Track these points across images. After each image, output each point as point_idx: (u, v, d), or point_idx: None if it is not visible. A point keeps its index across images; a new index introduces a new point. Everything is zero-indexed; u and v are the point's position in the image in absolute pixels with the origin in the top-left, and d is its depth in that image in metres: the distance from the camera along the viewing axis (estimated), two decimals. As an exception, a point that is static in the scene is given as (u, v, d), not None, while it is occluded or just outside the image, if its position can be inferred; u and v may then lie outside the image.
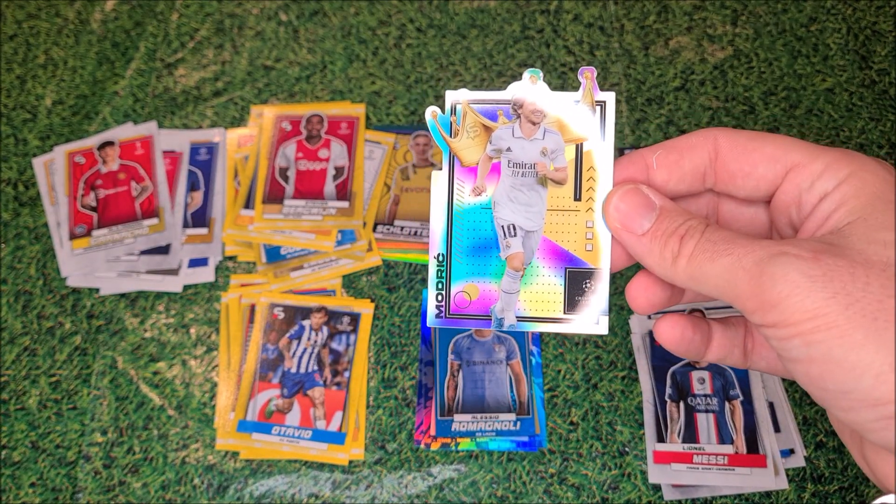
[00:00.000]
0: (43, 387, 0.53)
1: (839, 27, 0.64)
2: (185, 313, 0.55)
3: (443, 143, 0.31)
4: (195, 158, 0.60)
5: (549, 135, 0.30)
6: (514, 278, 0.31)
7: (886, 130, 0.60)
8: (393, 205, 0.58)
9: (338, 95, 0.63)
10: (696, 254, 0.25)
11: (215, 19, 0.67)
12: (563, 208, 0.30)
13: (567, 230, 0.31)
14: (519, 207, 0.31)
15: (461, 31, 0.65)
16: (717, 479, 0.47)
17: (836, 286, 0.22)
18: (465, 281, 0.31)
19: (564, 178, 0.30)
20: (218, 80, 0.64)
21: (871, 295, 0.21)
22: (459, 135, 0.31)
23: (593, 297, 0.31)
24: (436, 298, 0.31)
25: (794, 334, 0.22)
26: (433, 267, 0.31)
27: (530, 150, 0.30)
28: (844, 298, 0.21)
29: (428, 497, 0.49)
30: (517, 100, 0.30)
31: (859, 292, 0.21)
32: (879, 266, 0.22)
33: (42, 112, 0.64)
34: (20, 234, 0.58)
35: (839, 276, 0.22)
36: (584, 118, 0.30)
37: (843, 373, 0.22)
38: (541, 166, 0.30)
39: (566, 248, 0.31)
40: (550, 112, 0.30)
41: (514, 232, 0.31)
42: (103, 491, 0.50)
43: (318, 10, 0.67)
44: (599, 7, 0.66)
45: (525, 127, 0.31)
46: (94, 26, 0.67)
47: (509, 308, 0.31)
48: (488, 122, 0.31)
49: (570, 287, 0.31)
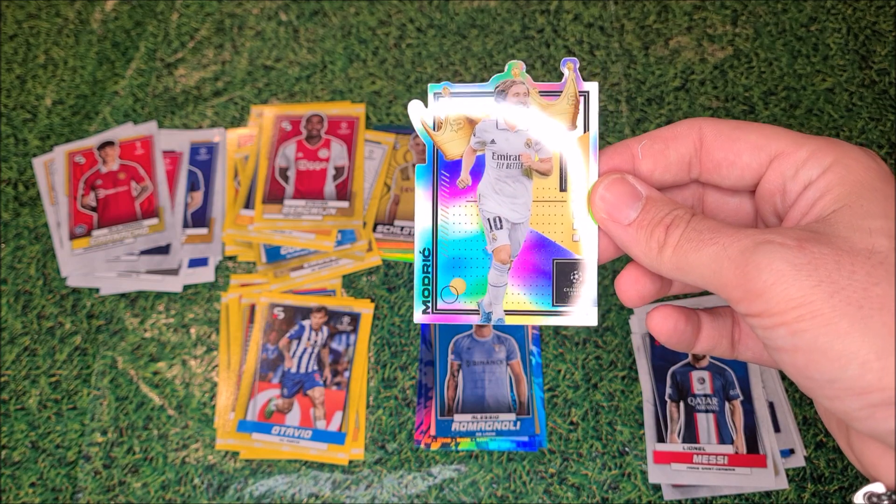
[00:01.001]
0: (43, 387, 0.53)
1: (839, 27, 0.64)
2: (185, 313, 0.55)
3: (426, 137, 0.30)
4: (195, 158, 0.60)
5: (534, 118, 0.30)
6: (501, 271, 0.31)
7: (886, 130, 0.60)
8: (393, 205, 0.58)
9: (338, 95, 0.63)
10: (682, 243, 0.25)
11: (215, 19, 0.67)
12: (548, 199, 0.30)
13: (553, 221, 0.30)
14: (504, 199, 0.30)
15: (461, 31, 0.65)
16: (717, 479, 0.47)
17: (820, 274, 0.22)
18: (452, 276, 0.31)
19: (550, 168, 0.30)
20: (218, 80, 0.64)
21: (857, 283, 0.21)
22: (443, 128, 0.30)
23: (582, 288, 0.30)
24: (422, 294, 0.30)
25: (779, 323, 0.22)
26: (419, 262, 0.30)
27: (515, 141, 0.30)
28: (829, 287, 0.21)
29: (428, 497, 0.49)
30: (500, 87, 0.30)
31: (844, 280, 0.21)
32: (864, 254, 0.22)
33: (42, 112, 0.64)
34: (20, 234, 0.58)
35: (824, 264, 0.22)
36: (567, 111, 0.30)
37: (828, 362, 0.22)
38: (525, 157, 0.30)
39: (553, 238, 0.30)
40: (533, 104, 0.30)
41: (500, 224, 0.31)
42: (103, 491, 0.50)
43: (319, 10, 0.67)
44: (599, 7, 0.66)
45: (511, 103, 0.30)
46: (94, 26, 0.67)
47: (497, 302, 0.31)
48: (472, 115, 0.30)
49: (559, 278, 0.30)
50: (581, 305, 0.30)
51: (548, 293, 0.30)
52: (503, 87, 0.30)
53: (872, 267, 0.21)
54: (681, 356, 0.51)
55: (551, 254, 0.30)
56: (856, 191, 0.24)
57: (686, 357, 0.51)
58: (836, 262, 0.22)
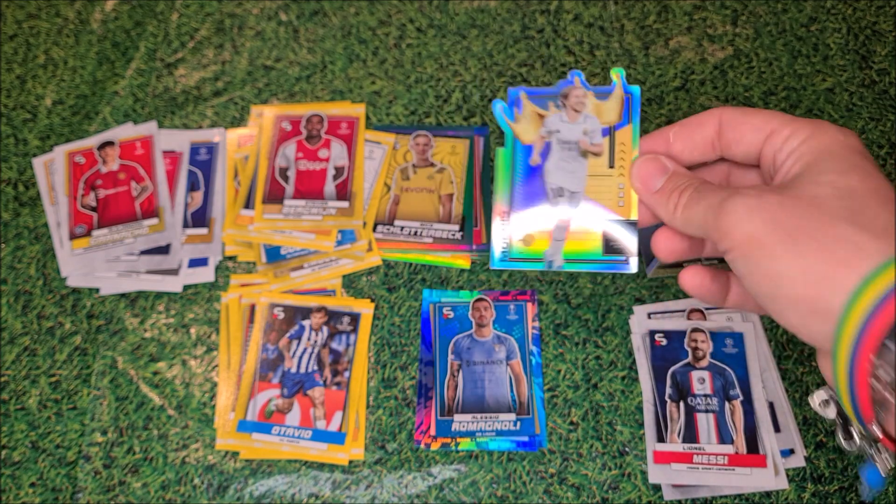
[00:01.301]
0: (43, 387, 0.53)
1: (839, 27, 0.64)
2: (185, 313, 0.55)
3: (506, 127, 0.40)
4: (195, 158, 0.60)
5: (588, 119, 0.39)
6: (561, 228, 0.39)
7: (886, 130, 0.60)
8: (393, 205, 0.58)
9: (338, 95, 0.63)
10: (688, 203, 0.32)
11: (215, 19, 0.67)
12: (599, 174, 0.39)
13: (603, 190, 0.39)
14: (566, 175, 0.39)
15: (461, 31, 0.65)
16: (718, 479, 0.47)
17: (766, 215, 0.27)
18: (524, 232, 0.39)
19: (601, 150, 0.39)
20: (218, 80, 0.64)
21: (795, 219, 0.26)
22: (519, 120, 0.40)
23: (626, 243, 0.38)
24: (502, 242, 0.39)
25: (738, 255, 0.29)
26: (497, 222, 0.39)
27: (575, 130, 0.40)
28: (772, 223, 0.27)
29: (428, 497, 0.49)
30: (564, 91, 0.40)
31: (784, 218, 0.27)
32: (807, 199, 0.27)
33: (42, 112, 0.64)
34: (20, 234, 0.59)
35: (771, 206, 0.27)
36: (615, 108, 0.39)
37: (769, 280, 0.27)
38: (583, 142, 0.39)
39: (603, 204, 0.39)
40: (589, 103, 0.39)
41: (562, 192, 0.39)
42: (103, 491, 0.50)
43: (319, 10, 0.67)
44: (599, 7, 0.66)
45: (570, 114, 0.40)
46: (94, 26, 0.67)
47: (557, 252, 0.39)
48: (541, 111, 0.40)
49: (606, 235, 0.38)
50: (625, 256, 0.38)
51: (598, 246, 0.38)
52: (566, 91, 0.40)
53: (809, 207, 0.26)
54: (681, 356, 0.51)
55: (601, 215, 0.38)
56: (820, 156, 0.29)
57: (685, 357, 0.51)
58: (780, 205, 0.27)
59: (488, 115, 0.62)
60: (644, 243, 0.38)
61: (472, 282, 0.56)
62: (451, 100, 0.62)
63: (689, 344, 0.52)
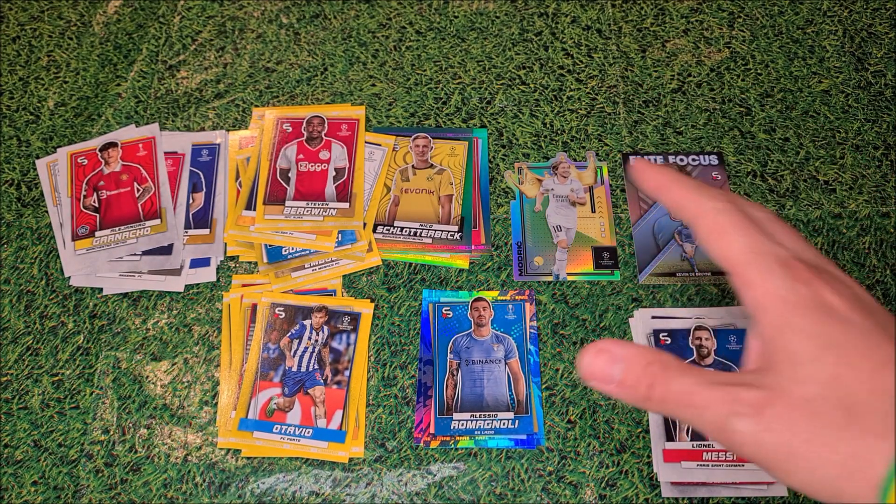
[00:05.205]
0: (45, 386, 0.54)
1: (835, 29, 0.65)
2: (187, 313, 0.56)
3: (514, 187, 0.59)
4: (197, 160, 0.61)
5: (573, 181, 0.59)
6: (563, 252, 0.57)
7: (882, 132, 0.60)
8: (393, 206, 0.58)
9: (338, 97, 0.63)
10: (664, 400, 0.30)
11: (217, 22, 0.67)
12: (585, 216, 0.58)
13: (589, 227, 0.58)
14: (562, 217, 0.58)
15: (460, 34, 0.66)
16: (728, 476, 0.48)
17: (777, 437, 0.27)
18: (535, 255, 0.56)
19: (584, 201, 0.59)
20: (219, 83, 0.65)
21: (803, 434, 0.27)
22: (524, 182, 0.59)
23: (609, 261, 0.56)
24: (518, 264, 0.56)
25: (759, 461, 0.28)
26: (515, 249, 0.57)
27: (565, 188, 0.59)
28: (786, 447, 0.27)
29: (427, 495, 0.49)
30: (554, 163, 0.60)
31: (791, 437, 0.27)
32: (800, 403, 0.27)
33: (45, 114, 0.64)
34: (23, 235, 0.59)
35: (780, 427, 0.27)
36: (591, 175, 0.60)
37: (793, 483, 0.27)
38: (571, 196, 0.59)
39: (589, 235, 0.57)
40: (573, 172, 0.59)
41: (560, 228, 0.58)
42: (105, 489, 0.50)
43: (319, 13, 0.67)
44: (597, 10, 0.66)
45: (560, 179, 0.60)
46: (96, 29, 0.68)
47: (561, 269, 0.56)
48: (539, 177, 0.60)
49: (595, 256, 0.57)
50: (610, 270, 0.56)
51: (590, 263, 0.56)
52: (555, 163, 0.60)
53: (809, 417, 0.27)
54: (686, 354, 0.52)
55: (589, 243, 0.57)
56: (775, 332, 0.28)
57: (691, 355, 0.52)
58: (789, 422, 0.27)
59: (487, 118, 0.62)
60: (637, 249, 0.48)
61: (472, 282, 0.56)
62: (451, 102, 0.63)
63: (694, 342, 0.52)
